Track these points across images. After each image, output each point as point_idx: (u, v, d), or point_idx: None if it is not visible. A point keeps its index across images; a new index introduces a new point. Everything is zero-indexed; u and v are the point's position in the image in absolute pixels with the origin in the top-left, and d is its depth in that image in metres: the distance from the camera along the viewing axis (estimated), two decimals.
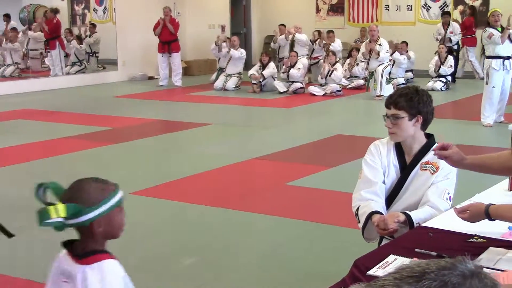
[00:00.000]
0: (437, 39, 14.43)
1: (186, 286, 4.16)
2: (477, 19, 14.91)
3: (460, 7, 16.19)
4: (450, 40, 14.39)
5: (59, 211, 1.99)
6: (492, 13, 9.55)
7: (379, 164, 3.26)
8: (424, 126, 3.22)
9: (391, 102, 3.16)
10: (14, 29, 16.40)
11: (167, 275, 4.32)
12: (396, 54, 13.54)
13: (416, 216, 3.02)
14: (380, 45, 12.67)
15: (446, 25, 14.53)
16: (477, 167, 2.89)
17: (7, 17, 16.66)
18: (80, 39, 16.78)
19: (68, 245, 2.13)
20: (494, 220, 2.59)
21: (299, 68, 13.40)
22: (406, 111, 3.12)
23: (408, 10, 16.82)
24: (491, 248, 2.53)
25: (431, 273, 0.99)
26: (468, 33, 15.02)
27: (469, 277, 1.00)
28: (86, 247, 2.08)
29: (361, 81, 13.86)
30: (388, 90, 12.55)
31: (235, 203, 5.89)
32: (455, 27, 14.62)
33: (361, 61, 13.62)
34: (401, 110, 3.12)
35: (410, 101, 3.13)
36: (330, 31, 15.03)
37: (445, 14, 15.09)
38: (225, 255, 4.70)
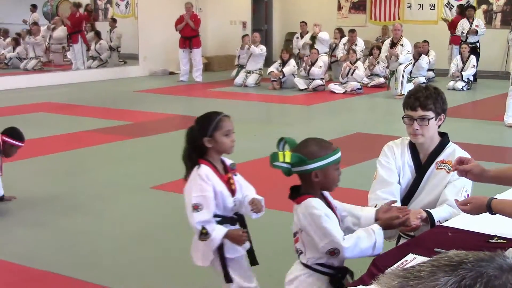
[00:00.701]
0: (462, 33, 14.24)
1: (201, 282, 4.17)
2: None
3: (484, 6, 16.05)
4: (476, 32, 14.22)
5: (285, 157, 2.54)
6: None
7: (393, 165, 3.25)
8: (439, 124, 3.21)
9: (418, 104, 3.11)
10: (35, 23, 16.57)
11: (182, 270, 4.34)
12: (420, 62, 13.41)
13: (437, 214, 3.01)
14: (402, 45, 12.61)
15: (471, 18, 14.39)
16: (500, 179, 2.87)
17: (34, 8, 16.90)
18: (98, 35, 16.86)
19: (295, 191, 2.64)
20: (495, 214, 2.57)
21: (320, 66, 13.37)
22: (433, 111, 3.10)
23: (430, 9, 16.71)
24: (511, 249, 2.51)
25: (468, 263, 0.99)
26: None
27: (506, 271, 0.99)
28: (304, 192, 2.62)
29: (382, 80, 13.80)
30: (409, 89, 12.48)
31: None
32: (480, 21, 14.51)
33: (382, 60, 13.56)
34: (429, 111, 3.10)
35: (436, 101, 3.12)
36: (352, 31, 14.99)
37: (470, 7, 14.91)
38: None
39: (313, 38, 14.98)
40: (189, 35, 14.67)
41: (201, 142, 3.08)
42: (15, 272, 4.30)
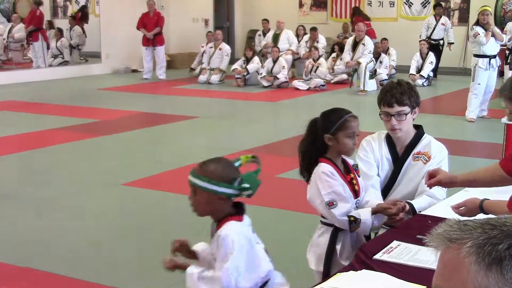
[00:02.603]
0: (427, 30, 14.56)
1: (172, 278, 4.21)
2: (363, 15, 15.76)
3: (439, 8, 16.35)
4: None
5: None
6: (482, 11, 9.60)
7: (372, 158, 3.35)
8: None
9: (394, 100, 3.20)
10: None
11: (153, 266, 4.36)
12: (382, 63, 13.65)
13: (418, 204, 3.13)
14: (364, 44, 12.82)
15: (438, 16, 14.68)
16: (468, 183, 3.07)
17: None
18: (61, 32, 16.67)
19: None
20: (488, 214, 2.71)
21: (283, 66, 13.45)
22: (409, 106, 3.21)
23: (390, 6, 16.96)
24: None
25: (506, 226, 1.09)
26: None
27: None
28: None
29: (345, 76, 13.97)
30: (371, 85, 12.71)
31: None
32: (447, 19, 14.82)
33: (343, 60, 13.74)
34: (405, 106, 3.20)
35: (411, 95, 3.23)
36: (313, 29, 15.16)
37: (438, 6, 15.20)
38: None
39: (276, 35, 15.09)
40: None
41: (322, 138, 2.95)
42: None
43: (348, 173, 3.01)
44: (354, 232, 2.95)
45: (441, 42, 14.72)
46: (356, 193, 2.99)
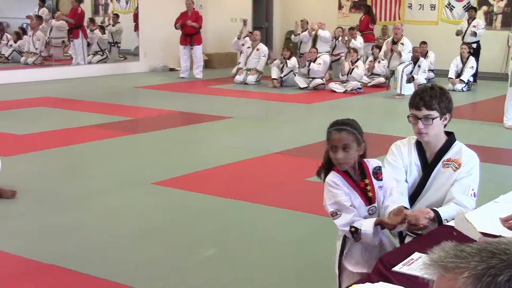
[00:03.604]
0: (457, 34, 14.34)
1: (204, 278, 4.19)
2: (372, 17, 16.28)
3: (484, 8, 16.06)
4: (475, 34, 14.29)
5: None
6: None
7: (400, 163, 3.29)
8: (445, 124, 3.24)
9: (423, 104, 3.14)
10: (39, 17, 16.56)
11: (185, 265, 4.35)
12: (420, 66, 13.40)
13: (444, 213, 3.03)
14: (402, 44, 12.62)
15: (471, 19, 14.45)
16: None
17: (42, 2, 16.93)
18: (103, 29, 16.88)
19: None
20: None
21: (319, 63, 13.38)
22: (438, 111, 3.13)
23: (431, 9, 16.72)
24: None
25: (506, 254, 1.00)
26: (366, 29, 16.02)
27: None
28: None
29: (382, 79, 13.81)
30: (408, 89, 12.52)
31: (254, 197, 5.91)
32: (479, 22, 14.55)
33: (382, 59, 13.58)
34: (434, 111, 3.13)
35: (442, 101, 3.15)
36: (352, 28, 15.01)
37: (471, 8, 15.01)
38: (243, 247, 4.73)
39: (314, 37, 15.00)
40: (190, 32, 14.68)
41: None
42: (18, 263, 4.31)
43: (363, 179, 2.94)
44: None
45: (475, 45, 14.43)
46: (370, 200, 2.95)
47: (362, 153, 3.00)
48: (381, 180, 2.99)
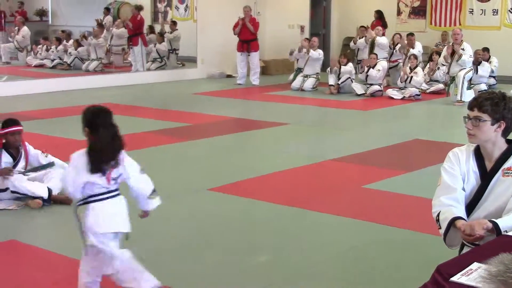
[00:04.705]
0: None
1: (255, 285, 4.18)
2: (384, 21, 16.38)
3: None
4: None
5: None
6: None
7: (458, 171, 3.23)
8: (506, 132, 3.16)
9: (475, 104, 3.13)
10: (100, 25, 16.95)
11: (237, 272, 4.35)
12: (481, 70, 13.07)
13: (503, 223, 2.95)
14: (463, 49, 12.36)
15: None
16: None
17: (107, 10, 17.38)
18: (162, 36, 17.13)
19: None
20: None
21: (378, 70, 13.26)
22: (490, 115, 3.08)
23: (493, 14, 16.34)
24: None
25: None
26: None
27: None
28: None
29: (441, 86, 13.55)
30: (469, 96, 12.22)
31: (310, 204, 5.88)
32: None
33: (442, 65, 13.33)
34: (485, 114, 3.09)
35: (496, 105, 3.09)
36: (410, 34, 14.79)
37: None
38: (297, 255, 4.70)
39: (372, 42, 14.86)
40: (247, 38, 14.75)
41: None
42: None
43: None
44: None
45: None
46: None
47: None
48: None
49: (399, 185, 6.50)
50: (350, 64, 13.82)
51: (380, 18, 16.60)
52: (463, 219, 3.09)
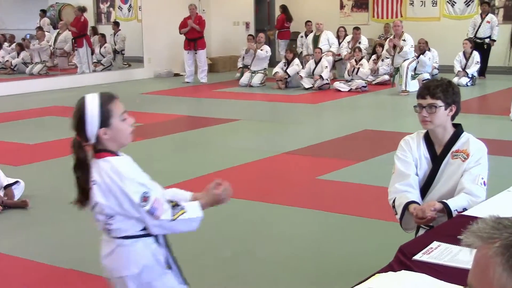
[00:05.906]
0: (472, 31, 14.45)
1: (220, 277, 4.24)
2: (288, 15, 17.44)
3: (485, 5, 16.09)
4: (493, 29, 14.44)
5: None
6: None
7: (410, 157, 3.35)
8: (454, 116, 3.30)
9: (427, 92, 3.24)
10: (40, 28, 16.66)
11: (201, 266, 4.40)
12: (423, 59, 13.41)
13: (454, 203, 3.10)
14: (404, 40, 12.66)
15: (484, 14, 14.52)
16: None
17: (43, 13, 17.06)
18: (104, 38, 16.95)
19: None
20: None
21: (326, 67, 13.42)
22: (443, 100, 3.21)
23: (433, 6, 16.76)
24: None
25: None
26: (282, 27, 17.46)
27: None
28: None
29: (386, 77, 13.86)
30: (413, 85, 12.55)
31: (266, 197, 5.96)
32: (493, 16, 14.63)
33: (386, 57, 13.62)
34: (438, 100, 3.22)
35: (446, 91, 3.23)
36: (357, 28, 15.07)
37: (484, 3, 15.03)
38: (258, 247, 4.77)
39: (316, 37, 15.06)
40: (193, 36, 14.74)
41: None
42: (46, 269, 4.37)
43: None
44: None
45: (487, 40, 14.52)
46: None
47: None
48: None
49: (351, 175, 6.65)
50: (296, 60, 13.96)
51: (284, 12, 17.34)
52: (417, 203, 3.22)
